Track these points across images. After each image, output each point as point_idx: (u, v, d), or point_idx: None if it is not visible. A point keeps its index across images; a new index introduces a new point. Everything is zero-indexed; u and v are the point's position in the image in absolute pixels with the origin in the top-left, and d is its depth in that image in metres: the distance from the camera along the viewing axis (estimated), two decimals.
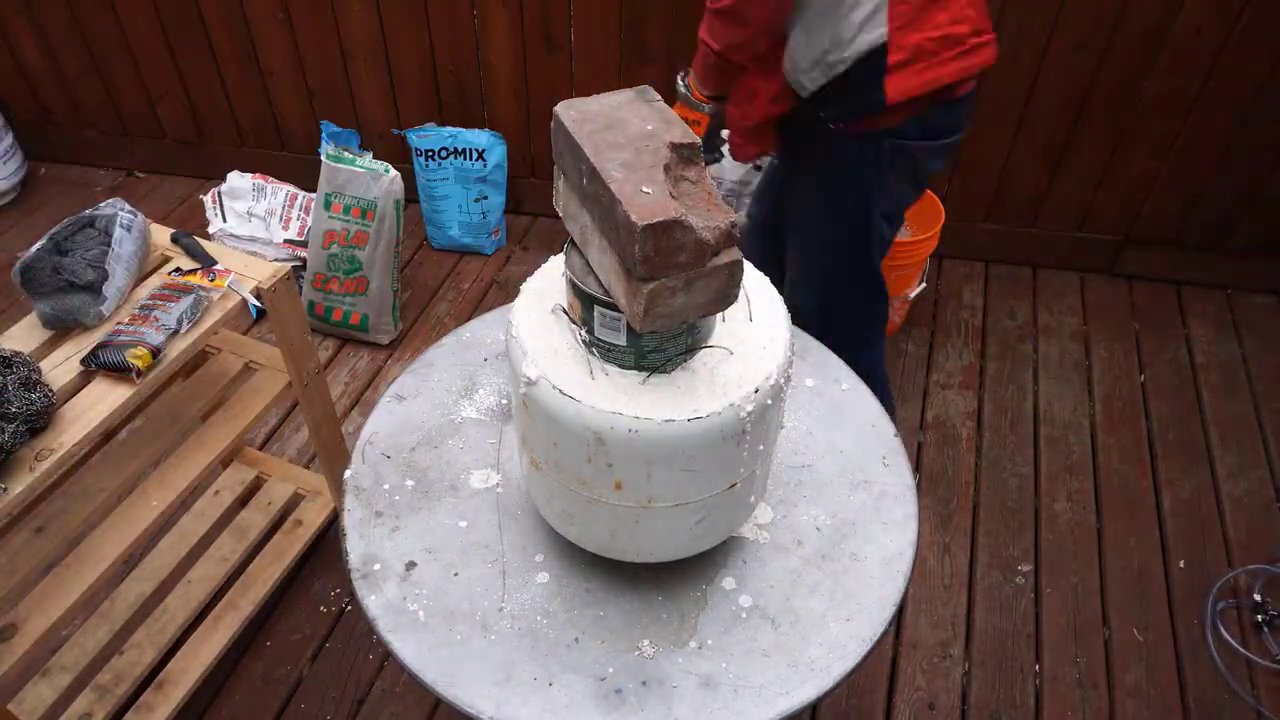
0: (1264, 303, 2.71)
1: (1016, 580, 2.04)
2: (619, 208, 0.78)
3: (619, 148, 0.83)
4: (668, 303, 0.81)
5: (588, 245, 0.89)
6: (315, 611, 1.97)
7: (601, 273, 0.87)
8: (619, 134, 0.85)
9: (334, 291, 2.55)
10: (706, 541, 1.02)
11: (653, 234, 0.76)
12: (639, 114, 0.88)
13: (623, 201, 0.77)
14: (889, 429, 1.21)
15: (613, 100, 0.90)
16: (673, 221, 0.77)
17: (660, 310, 0.81)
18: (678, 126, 0.86)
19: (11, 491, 1.20)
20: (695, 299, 0.83)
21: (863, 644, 0.98)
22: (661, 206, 0.77)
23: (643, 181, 0.79)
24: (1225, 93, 2.39)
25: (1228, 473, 2.25)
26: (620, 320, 0.87)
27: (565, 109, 0.87)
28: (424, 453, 1.17)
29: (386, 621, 0.99)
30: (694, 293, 0.82)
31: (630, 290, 0.81)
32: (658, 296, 0.80)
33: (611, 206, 0.79)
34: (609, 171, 0.80)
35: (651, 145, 0.83)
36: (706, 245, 0.80)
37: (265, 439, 2.35)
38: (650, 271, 0.79)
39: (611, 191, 0.78)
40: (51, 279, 1.39)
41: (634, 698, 0.94)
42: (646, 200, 0.78)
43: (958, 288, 2.78)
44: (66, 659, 1.64)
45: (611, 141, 0.83)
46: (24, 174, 3.19)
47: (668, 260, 0.79)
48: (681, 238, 0.78)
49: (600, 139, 0.84)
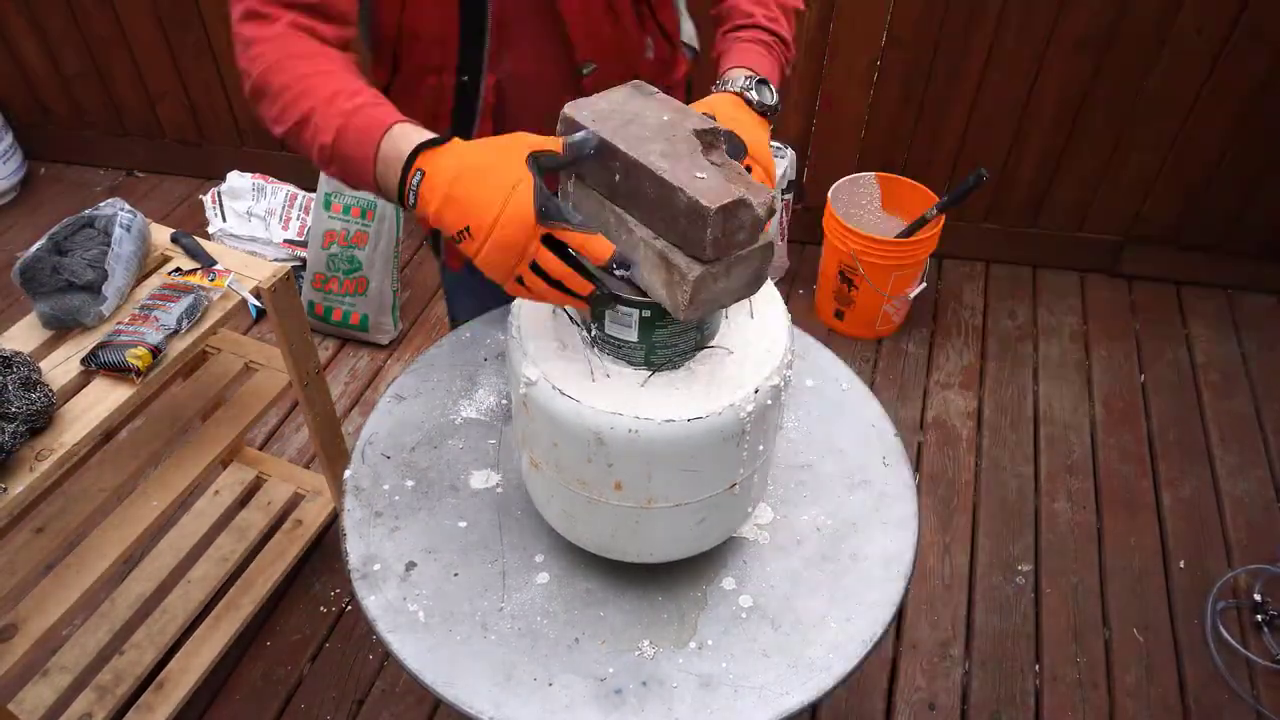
0: (1264, 303, 2.71)
1: (1016, 580, 2.04)
2: (679, 195, 0.78)
3: (649, 140, 0.83)
4: (710, 288, 0.82)
5: (621, 242, 0.89)
6: (315, 611, 1.97)
7: (641, 264, 0.87)
8: (642, 128, 0.85)
9: (334, 291, 2.55)
10: (707, 542, 1.02)
11: (723, 215, 0.77)
12: (649, 107, 0.88)
13: (684, 188, 0.78)
14: (889, 429, 1.21)
15: (617, 97, 0.89)
16: (738, 201, 0.78)
17: (704, 296, 0.82)
18: (690, 114, 0.87)
19: (11, 491, 1.20)
20: (733, 284, 0.84)
21: (863, 644, 0.98)
22: (724, 189, 0.78)
23: (693, 168, 0.80)
24: (1225, 93, 2.39)
25: (1228, 473, 2.25)
26: (632, 316, 0.87)
27: (575, 110, 0.87)
28: (424, 453, 1.17)
29: (386, 622, 0.99)
30: (733, 277, 0.83)
31: (671, 280, 0.82)
32: (703, 283, 0.80)
33: (669, 196, 0.79)
34: (654, 163, 0.80)
35: (678, 134, 0.84)
36: (760, 221, 0.81)
37: (265, 439, 2.35)
38: (718, 253, 0.80)
39: (667, 181, 0.79)
40: (51, 279, 1.39)
41: (634, 698, 0.94)
42: (706, 185, 0.78)
43: (958, 288, 2.78)
44: (66, 659, 1.64)
45: (639, 135, 0.84)
46: (23, 174, 3.19)
47: (731, 240, 0.80)
48: (744, 217, 0.79)
49: (628, 134, 0.84)
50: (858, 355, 2.58)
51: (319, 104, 0.87)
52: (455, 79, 1.11)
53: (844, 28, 2.47)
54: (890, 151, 2.69)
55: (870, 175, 2.60)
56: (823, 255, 2.61)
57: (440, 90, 1.12)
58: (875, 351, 2.59)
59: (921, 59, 2.49)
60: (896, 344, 2.60)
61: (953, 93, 2.52)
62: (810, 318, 2.71)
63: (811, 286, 2.76)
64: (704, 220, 0.77)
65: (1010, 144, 2.60)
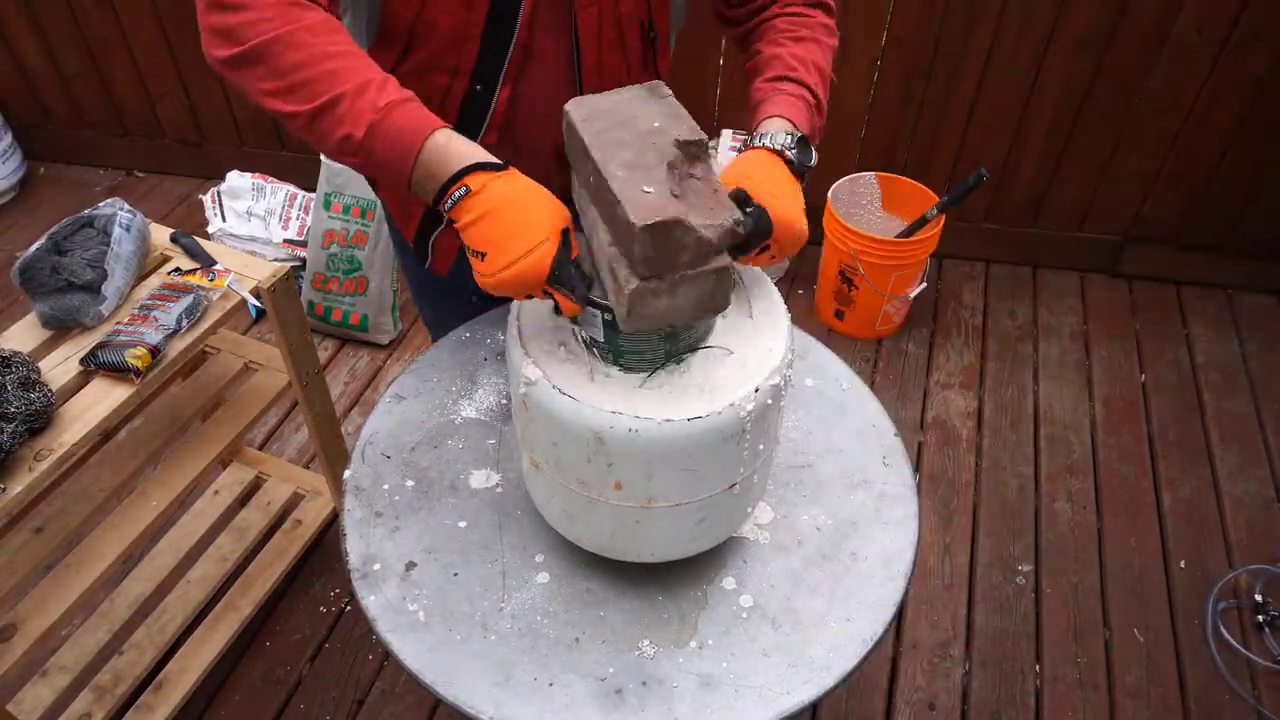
0: (1264, 303, 2.71)
1: (1016, 580, 2.04)
2: (619, 208, 0.77)
3: (624, 146, 0.82)
4: (650, 304, 0.80)
5: (594, 241, 0.89)
6: (315, 611, 1.97)
7: (601, 269, 0.87)
8: (626, 132, 0.83)
9: (333, 291, 2.55)
10: (707, 541, 1.02)
11: (651, 234, 0.75)
12: (647, 111, 0.86)
13: (623, 201, 0.76)
14: (889, 429, 1.21)
15: (624, 97, 0.88)
16: (673, 221, 0.75)
17: (643, 311, 0.80)
18: (685, 123, 0.85)
19: (11, 491, 1.20)
20: (679, 302, 0.81)
21: (863, 644, 0.98)
22: (661, 206, 0.76)
23: (644, 180, 0.78)
24: (1225, 93, 2.39)
25: (1228, 473, 2.25)
26: (597, 316, 0.86)
27: (575, 107, 0.86)
28: (424, 453, 1.17)
29: (386, 622, 0.99)
30: (678, 296, 0.80)
31: (615, 289, 0.81)
32: (640, 298, 0.79)
33: (613, 206, 0.78)
34: (611, 170, 0.79)
35: (658, 143, 0.82)
36: (709, 244, 0.78)
37: (265, 439, 2.35)
38: (651, 271, 0.78)
39: (613, 191, 0.78)
40: (51, 279, 1.39)
41: (634, 698, 0.94)
42: (646, 200, 0.77)
43: (958, 288, 2.78)
44: (66, 659, 1.64)
45: (618, 139, 0.82)
46: (23, 173, 3.19)
47: (671, 260, 0.78)
48: (682, 237, 0.77)
49: (607, 137, 0.83)
50: (858, 355, 2.58)
51: (347, 93, 0.85)
52: (468, 85, 1.08)
53: (844, 27, 2.47)
54: (890, 151, 2.69)
55: (870, 175, 2.60)
56: (823, 255, 2.61)
57: (449, 93, 1.09)
58: (875, 351, 2.59)
59: (921, 59, 2.48)
60: (896, 344, 2.60)
61: (953, 93, 2.52)
62: (810, 317, 2.71)
63: (811, 286, 2.76)
64: (633, 236, 0.76)
65: (1010, 144, 2.60)
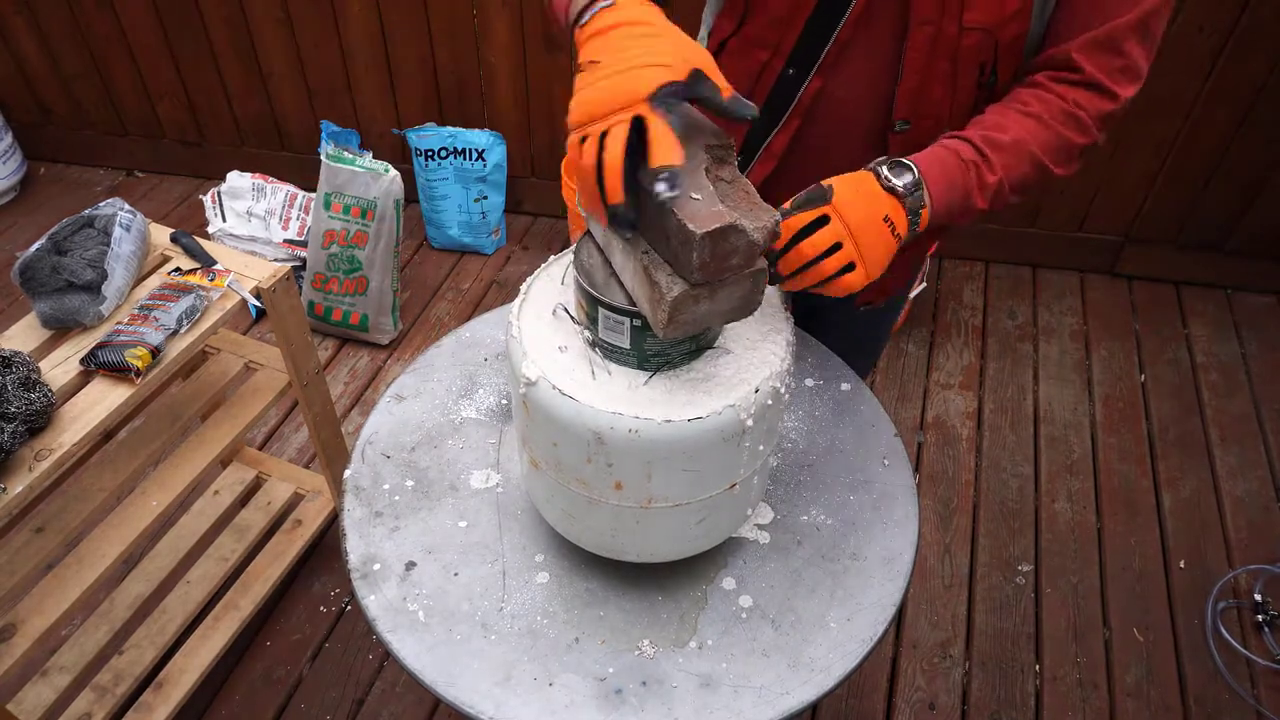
0: (1264, 303, 2.71)
1: (1016, 580, 2.04)
2: (671, 217, 0.77)
3: None
4: (691, 310, 0.81)
5: (610, 248, 0.89)
6: (315, 611, 1.97)
7: (624, 276, 0.87)
8: None
9: (334, 291, 2.55)
10: (707, 541, 1.02)
11: (710, 241, 0.76)
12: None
13: (674, 210, 0.77)
14: (889, 429, 1.21)
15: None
16: (729, 227, 0.76)
17: (684, 318, 0.81)
18: (707, 126, 0.86)
19: (11, 491, 1.20)
20: (719, 306, 0.82)
21: (863, 644, 0.98)
22: (716, 213, 0.77)
23: (690, 187, 0.79)
24: (1225, 93, 2.39)
25: (1228, 473, 2.25)
26: (624, 323, 0.86)
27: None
28: (424, 453, 1.17)
29: (386, 621, 0.99)
30: (718, 300, 0.82)
31: (654, 297, 0.81)
32: (682, 304, 0.79)
33: (660, 214, 0.79)
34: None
35: (689, 149, 0.82)
36: (757, 247, 0.79)
37: (265, 439, 2.35)
38: (706, 277, 0.78)
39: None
40: (51, 279, 1.39)
41: (634, 698, 0.94)
42: (699, 207, 0.77)
43: (958, 288, 2.78)
44: (66, 659, 1.64)
45: None
46: (23, 173, 3.19)
47: (723, 265, 0.78)
48: (736, 241, 0.78)
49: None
50: None
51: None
52: (783, 67, 1.08)
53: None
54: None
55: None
56: None
57: (765, 70, 1.09)
58: None
59: None
60: (896, 344, 2.60)
61: None
62: None
63: None
64: (691, 244, 0.76)
65: None
